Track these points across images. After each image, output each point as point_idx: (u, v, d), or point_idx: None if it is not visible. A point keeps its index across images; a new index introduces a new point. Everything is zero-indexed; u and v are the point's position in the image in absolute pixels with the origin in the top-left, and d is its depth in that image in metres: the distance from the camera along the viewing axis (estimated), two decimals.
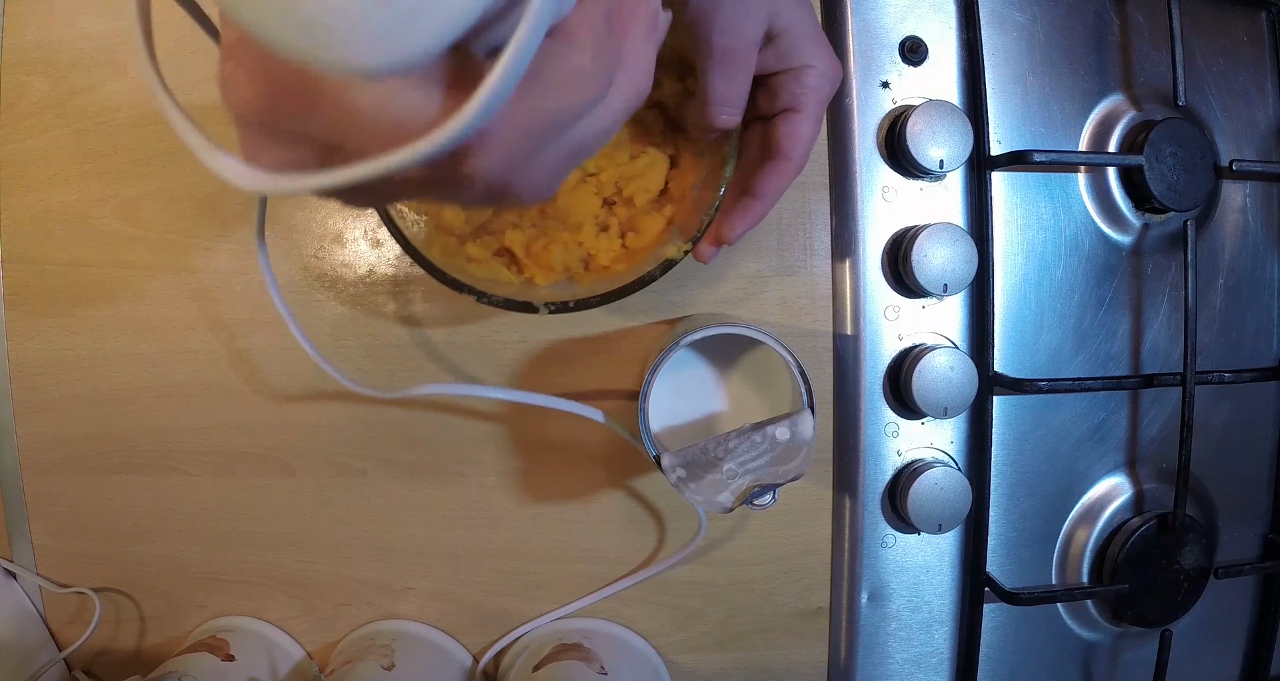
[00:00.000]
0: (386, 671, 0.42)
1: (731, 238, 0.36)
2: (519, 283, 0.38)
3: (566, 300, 0.35)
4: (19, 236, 0.47)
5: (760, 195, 0.36)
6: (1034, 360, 0.45)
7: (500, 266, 0.38)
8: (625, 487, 0.47)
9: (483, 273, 0.37)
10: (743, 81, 0.33)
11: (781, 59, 0.33)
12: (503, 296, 0.35)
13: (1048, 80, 0.45)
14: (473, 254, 0.37)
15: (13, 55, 0.46)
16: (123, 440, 0.47)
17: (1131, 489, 0.47)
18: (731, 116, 0.33)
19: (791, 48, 0.33)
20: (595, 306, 0.35)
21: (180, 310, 0.46)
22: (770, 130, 0.35)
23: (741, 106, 0.33)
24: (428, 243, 0.36)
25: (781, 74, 0.34)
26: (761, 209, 0.36)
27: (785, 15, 0.32)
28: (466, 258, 0.37)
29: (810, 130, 0.34)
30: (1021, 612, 0.47)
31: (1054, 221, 0.45)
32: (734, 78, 0.32)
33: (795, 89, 0.34)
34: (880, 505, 0.45)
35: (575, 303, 0.35)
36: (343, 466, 0.47)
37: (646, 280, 0.35)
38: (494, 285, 0.36)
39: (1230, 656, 0.50)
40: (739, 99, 0.33)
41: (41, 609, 0.49)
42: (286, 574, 0.48)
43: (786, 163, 0.35)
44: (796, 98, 0.34)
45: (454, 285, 0.35)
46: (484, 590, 0.48)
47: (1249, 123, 0.47)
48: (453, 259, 0.37)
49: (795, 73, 0.33)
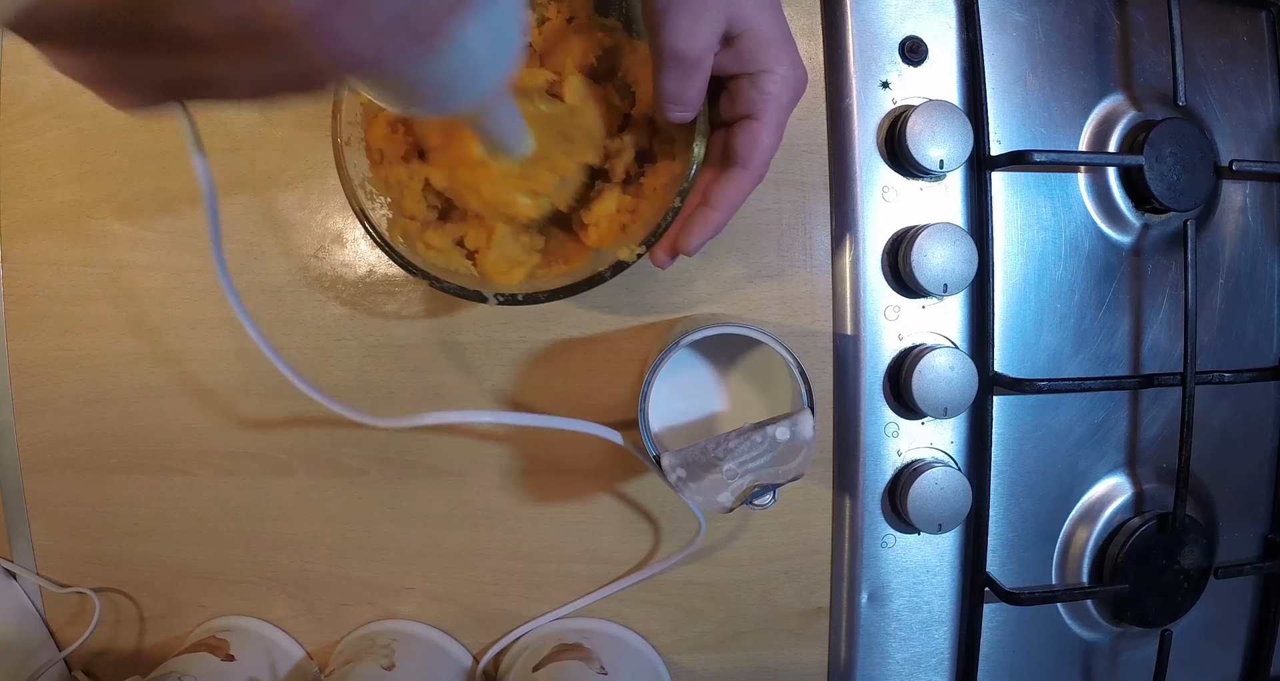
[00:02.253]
0: (386, 671, 0.42)
1: (689, 248, 0.35)
2: (477, 275, 0.38)
3: (515, 293, 0.35)
4: (19, 236, 0.47)
5: (716, 204, 0.34)
6: (1034, 360, 0.45)
7: (459, 256, 0.38)
8: (625, 488, 0.47)
9: (441, 261, 0.37)
10: (692, 83, 0.32)
11: (740, 62, 0.32)
12: (455, 284, 0.35)
13: (1048, 80, 0.45)
14: (431, 241, 0.38)
15: (13, 55, 0.46)
16: (123, 440, 0.47)
17: (1131, 489, 0.47)
18: (683, 114, 0.33)
19: (750, 51, 0.32)
20: (543, 301, 0.35)
21: (180, 310, 0.46)
22: (729, 137, 0.34)
23: (693, 106, 0.33)
24: (391, 228, 0.37)
25: (740, 77, 0.33)
26: (719, 218, 0.35)
27: (746, 18, 0.31)
28: (425, 244, 0.38)
29: (768, 138, 0.33)
30: (1021, 612, 0.47)
31: (1054, 221, 0.45)
32: (685, 79, 0.32)
33: (753, 95, 0.33)
34: (880, 505, 0.45)
35: (524, 296, 0.35)
36: (343, 466, 0.47)
37: (596, 280, 0.35)
38: (451, 274, 0.37)
39: (1230, 656, 0.50)
40: (689, 99, 0.33)
41: (41, 609, 0.49)
42: (286, 574, 0.48)
43: (743, 171, 0.34)
44: (754, 104, 0.33)
45: (410, 269, 0.35)
46: (484, 590, 0.48)
47: (1249, 123, 0.47)
48: (414, 245, 0.37)
49: (753, 77, 0.33)
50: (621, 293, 0.45)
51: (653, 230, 0.35)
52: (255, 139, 0.45)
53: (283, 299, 0.46)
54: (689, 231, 0.35)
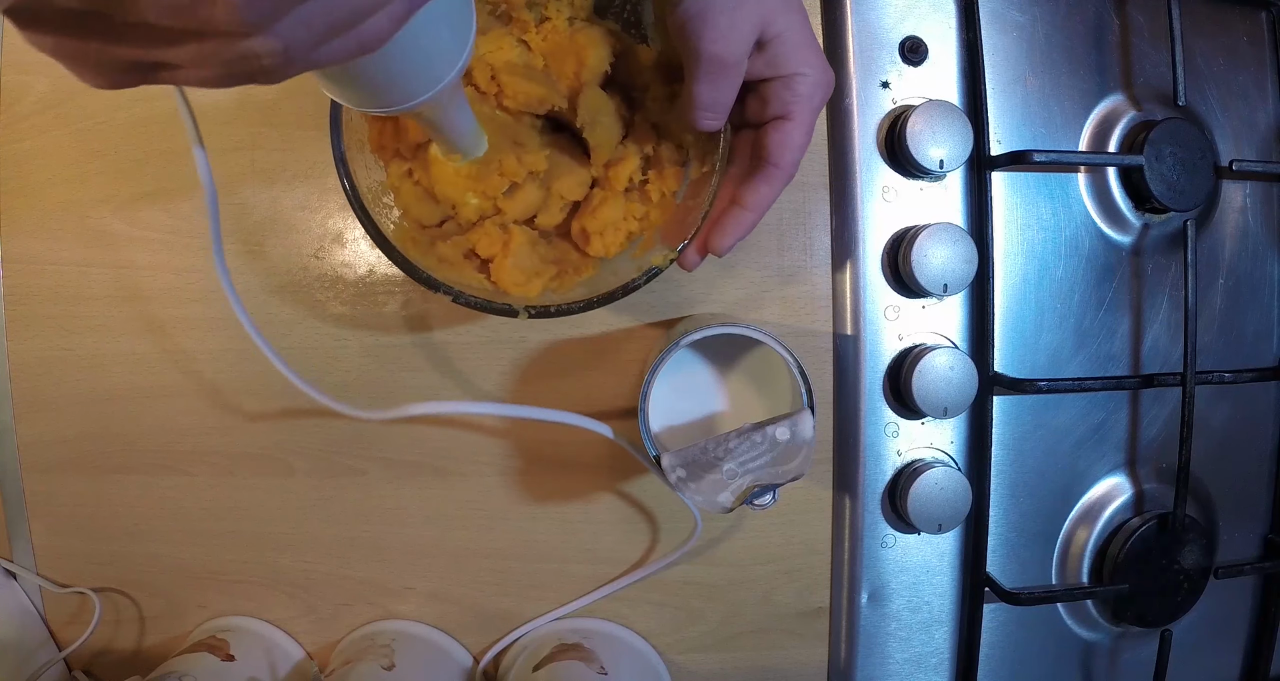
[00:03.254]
0: (386, 671, 0.42)
1: (721, 249, 0.35)
2: (490, 288, 0.37)
3: (548, 305, 0.34)
4: (19, 236, 0.47)
5: (749, 205, 0.35)
6: (1034, 360, 0.45)
7: (471, 270, 0.37)
8: (625, 487, 0.47)
9: (453, 274, 0.36)
10: (729, 89, 0.32)
11: (772, 66, 0.33)
12: (483, 298, 0.34)
13: (1048, 80, 0.45)
14: (444, 254, 0.37)
15: (12, 55, 0.46)
16: (123, 440, 0.47)
17: (1131, 489, 0.47)
18: (714, 121, 0.33)
19: (783, 55, 0.32)
20: (579, 312, 0.34)
21: (180, 310, 0.46)
22: (760, 138, 0.34)
23: (725, 112, 0.33)
24: (404, 240, 0.35)
25: (772, 81, 0.33)
26: (751, 219, 0.35)
27: (778, 23, 0.31)
28: (438, 258, 0.36)
29: (801, 138, 0.34)
30: (1021, 612, 0.47)
31: (1054, 221, 0.45)
32: (720, 85, 0.32)
33: (786, 96, 0.33)
34: (880, 505, 0.45)
35: (556, 308, 0.34)
36: (343, 466, 0.47)
37: (630, 288, 0.34)
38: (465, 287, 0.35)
39: (1230, 656, 0.50)
40: (724, 105, 0.33)
41: (41, 609, 0.49)
42: (286, 574, 0.48)
43: (776, 171, 0.34)
44: (787, 105, 0.33)
45: (430, 284, 0.34)
46: (484, 590, 0.48)
47: (1249, 123, 0.47)
48: (426, 258, 0.36)
49: (786, 80, 0.33)
50: None
51: (688, 234, 0.35)
52: (255, 139, 0.45)
53: (283, 299, 0.46)
54: (722, 232, 0.35)
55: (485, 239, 0.37)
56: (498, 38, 0.36)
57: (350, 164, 0.34)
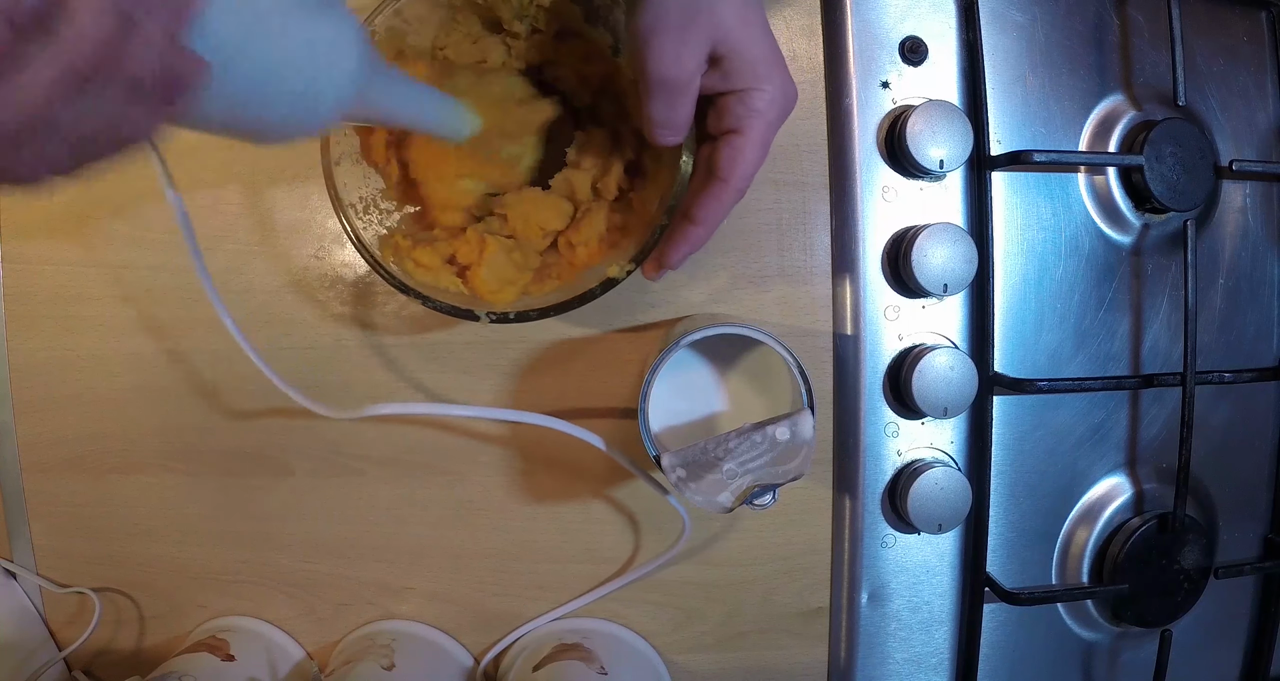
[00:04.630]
0: (386, 671, 0.42)
1: (671, 263, 0.36)
2: (467, 293, 0.38)
3: (507, 311, 0.36)
4: (19, 236, 0.47)
5: (698, 219, 0.35)
6: (1034, 360, 0.45)
7: (449, 274, 0.38)
8: (626, 487, 0.47)
9: (430, 279, 0.37)
10: (682, 107, 0.32)
11: (727, 81, 0.33)
12: (447, 302, 0.36)
13: (1048, 80, 0.45)
14: (421, 259, 0.38)
15: None
16: (123, 440, 0.47)
17: (1131, 489, 0.47)
18: (672, 137, 0.33)
19: (737, 70, 0.32)
20: (534, 319, 0.36)
21: (180, 310, 0.46)
22: (713, 152, 0.34)
23: (682, 128, 0.33)
24: (382, 246, 0.37)
25: (727, 95, 0.33)
26: (701, 234, 0.35)
27: (731, 38, 0.31)
28: (415, 262, 0.38)
29: (752, 154, 0.33)
30: (1021, 612, 0.47)
31: (1054, 221, 0.45)
32: (673, 103, 0.32)
33: (740, 111, 0.33)
34: (880, 505, 0.45)
35: (515, 314, 0.36)
36: (343, 466, 0.47)
37: (586, 297, 0.35)
38: (440, 293, 0.37)
39: (1230, 656, 0.50)
40: (679, 122, 0.33)
41: (41, 609, 0.49)
42: (286, 574, 0.48)
43: (723, 185, 0.34)
44: (740, 120, 0.33)
45: (401, 288, 0.36)
46: (484, 590, 0.48)
47: (1249, 123, 0.47)
48: (404, 263, 0.37)
49: (740, 95, 0.33)
50: (621, 293, 0.45)
51: (641, 247, 0.35)
52: None
53: (283, 299, 0.46)
54: (671, 246, 0.36)
55: (464, 247, 0.38)
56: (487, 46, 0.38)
57: (335, 176, 0.36)
